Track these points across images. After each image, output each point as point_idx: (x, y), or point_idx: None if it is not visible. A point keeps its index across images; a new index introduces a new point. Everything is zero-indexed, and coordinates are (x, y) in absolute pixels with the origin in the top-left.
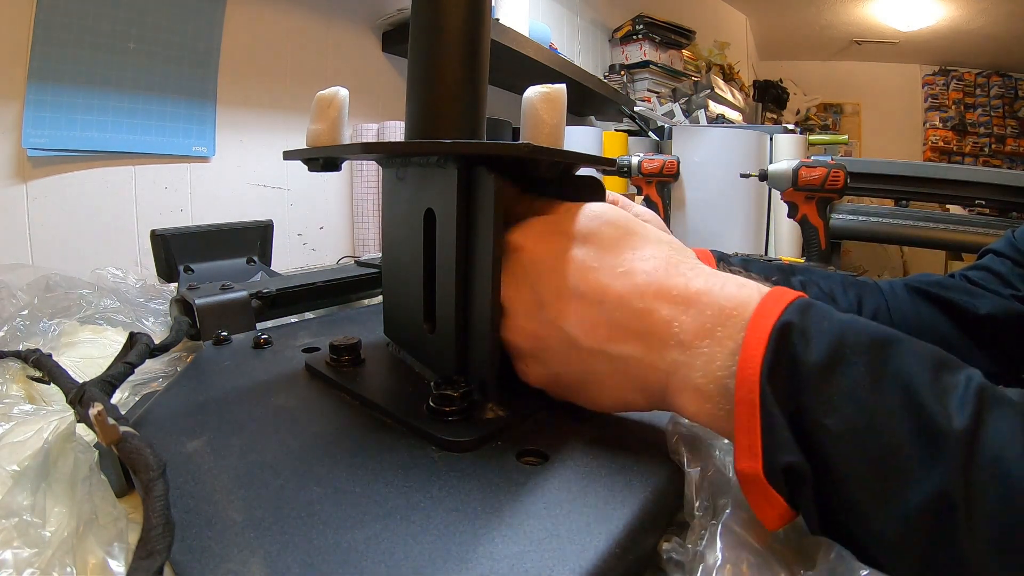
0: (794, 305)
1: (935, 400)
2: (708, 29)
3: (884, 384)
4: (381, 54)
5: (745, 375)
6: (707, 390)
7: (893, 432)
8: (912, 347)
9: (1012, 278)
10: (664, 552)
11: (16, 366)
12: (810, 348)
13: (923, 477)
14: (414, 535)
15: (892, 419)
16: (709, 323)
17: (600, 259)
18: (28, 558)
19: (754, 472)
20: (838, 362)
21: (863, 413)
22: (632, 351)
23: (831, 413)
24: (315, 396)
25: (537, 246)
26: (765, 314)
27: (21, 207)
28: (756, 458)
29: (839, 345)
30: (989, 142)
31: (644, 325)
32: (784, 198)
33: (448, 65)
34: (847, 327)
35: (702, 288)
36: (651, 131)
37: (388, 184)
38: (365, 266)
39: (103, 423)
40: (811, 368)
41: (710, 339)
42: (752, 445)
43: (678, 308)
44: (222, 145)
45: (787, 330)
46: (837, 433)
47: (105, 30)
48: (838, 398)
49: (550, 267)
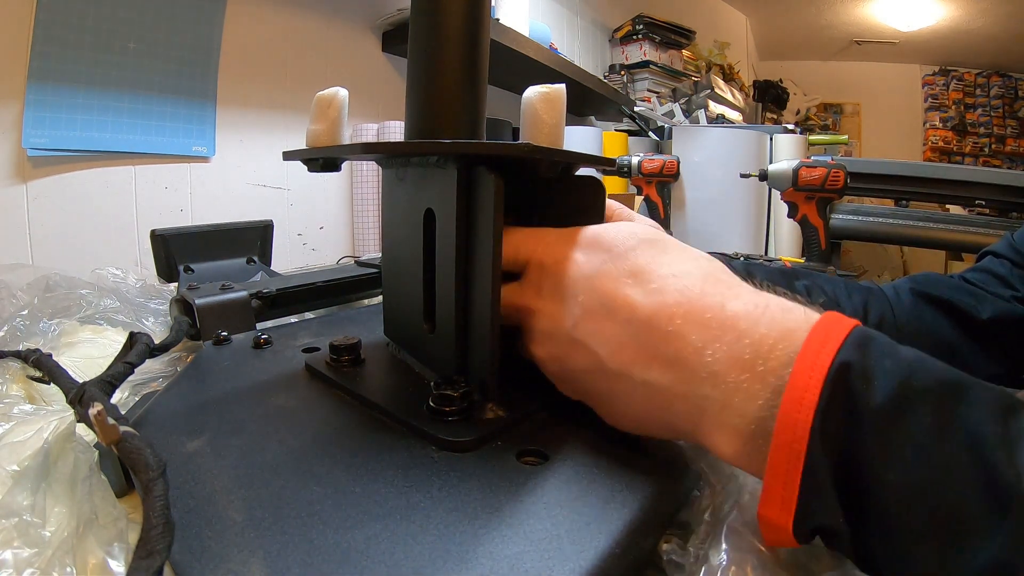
0: (853, 337)
1: (1004, 456)
2: (708, 29)
3: (951, 434)
4: (381, 54)
5: (791, 419)
6: (746, 432)
7: (959, 488)
8: (981, 394)
9: (1012, 279)
10: (664, 553)
11: (16, 366)
12: (873, 391)
13: (989, 541)
14: (414, 535)
15: (959, 475)
16: (748, 354)
17: (633, 276)
18: (28, 558)
19: (780, 525)
20: (904, 408)
21: (928, 467)
22: (658, 378)
23: (893, 465)
24: (315, 396)
25: (571, 261)
26: (817, 349)
27: (21, 207)
28: (788, 513)
29: (906, 389)
30: (989, 142)
31: (672, 351)
32: (784, 198)
33: (448, 65)
34: (914, 367)
35: (740, 312)
36: (651, 131)
37: (388, 184)
38: (365, 266)
39: (103, 423)
40: (873, 414)
41: (749, 374)
42: (786, 499)
43: (711, 334)
44: (222, 145)
45: (845, 371)
46: (898, 487)
47: (105, 30)
48: (901, 449)
49: (583, 282)
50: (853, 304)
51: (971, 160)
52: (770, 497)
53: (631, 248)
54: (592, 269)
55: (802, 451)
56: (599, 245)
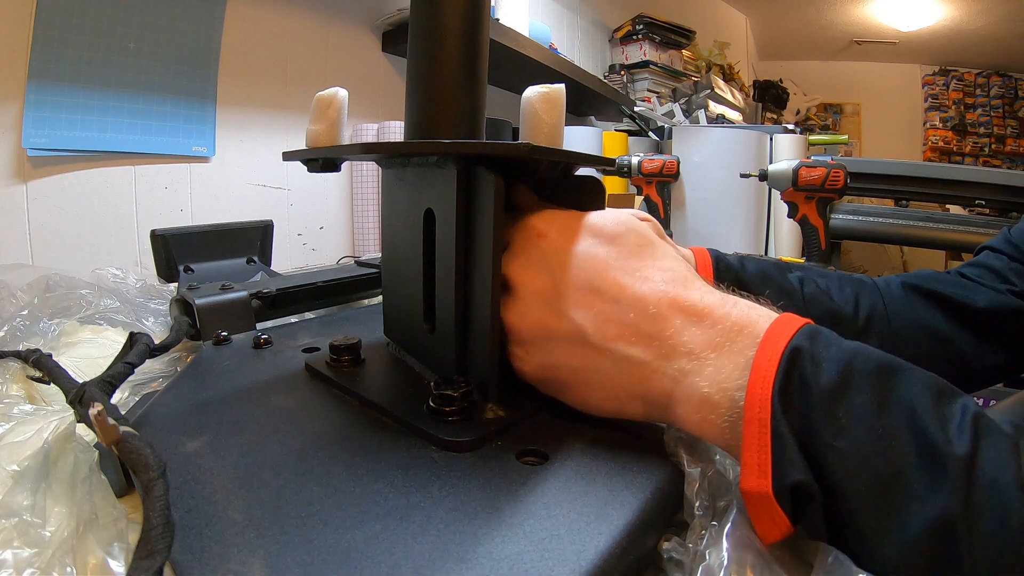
0: (803, 331)
1: (937, 426)
2: (708, 29)
3: (890, 409)
4: (381, 54)
5: (756, 393)
6: (713, 400)
7: (899, 455)
8: (915, 375)
9: (1008, 273)
10: (664, 552)
11: (16, 366)
12: (820, 372)
13: (927, 499)
14: (414, 535)
15: (898, 442)
16: (719, 337)
17: (622, 261)
18: (28, 558)
19: (762, 491)
20: (847, 386)
21: (871, 436)
22: (640, 354)
23: (840, 435)
24: (315, 396)
25: (562, 236)
26: (776, 337)
27: (21, 207)
28: (766, 476)
29: (848, 370)
30: (989, 142)
31: (656, 330)
32: (784, 198)
33: (447, 65)
34: (854, 354)
35: (715, 304)
36: (651, 131)
37: (388, 184)
38: (365, 266)
39: (103, 423)
40: (821, 391)
41: (719, 352)
42: (762, 463)
43: (690, 320)
44: (222, 145)
45: (797, 354)
46: (845, 454)
47: (105, 30)
48: (847, 421)
49: (571, 258)
50: (844, 295)
51: (971, 160)
52: (749, 468)
53: (620, 234)
54: (580, 248)
55: (767, 420)
56: (588, 227)
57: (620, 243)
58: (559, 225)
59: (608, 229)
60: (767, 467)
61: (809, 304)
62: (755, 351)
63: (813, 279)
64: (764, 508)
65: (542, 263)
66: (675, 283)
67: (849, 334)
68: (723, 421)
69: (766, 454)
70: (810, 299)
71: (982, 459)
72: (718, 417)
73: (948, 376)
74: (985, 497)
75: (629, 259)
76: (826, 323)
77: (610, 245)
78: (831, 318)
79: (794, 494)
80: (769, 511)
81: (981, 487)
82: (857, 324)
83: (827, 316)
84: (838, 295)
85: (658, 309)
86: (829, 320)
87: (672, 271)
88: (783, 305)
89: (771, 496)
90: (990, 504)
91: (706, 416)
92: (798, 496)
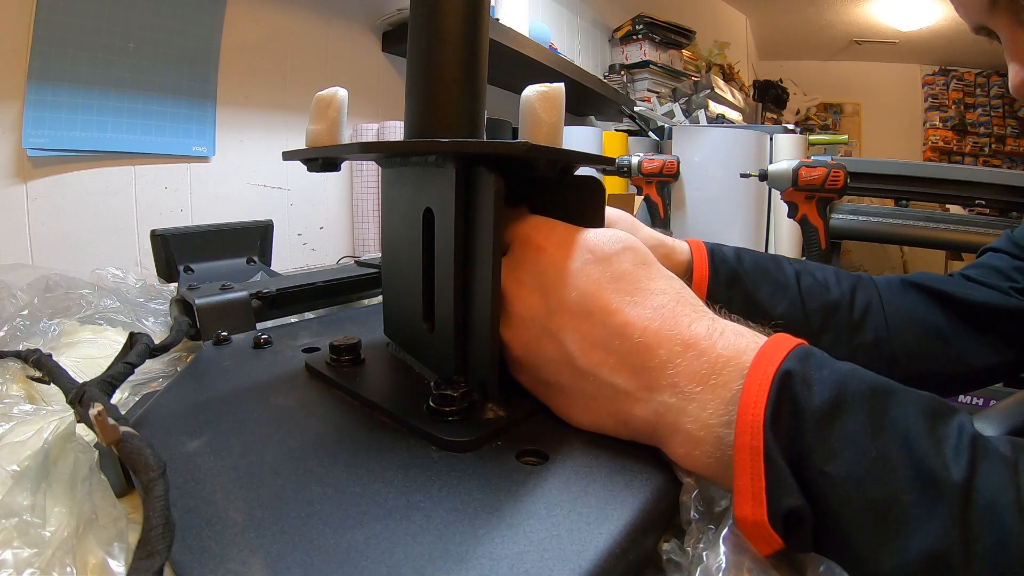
0: (794, 353)
1: (932, 449)
2: (708, 29)
3: (884, 432)
4: (381, 54)
5: (747, 421)
6: (697, 436)
7: (893, 479)
8: (909, 396)
9: (1011, 272)
10: (664, 552)
11: (16, 366)
12: (812, 395)
13: (922, 525)
14: (414, 535)
15: (892, 466)
16: (704, 369)
17: (614, 282)
18: (28, 558)
19: (757, 519)
20: (840, 409)
21: (864, 460)
22: (623, 383)
23: (833, 459)
24: (315, 396)
25: (559, 251)
26: (765, 361)
27: (21, 207)
28: (760, 504)
29: (840, 392)
30: (989, 142)
31: (639, 361)
32: (784, 198)
33: (447, 65)
34: (847, 375)
35: (701, 333)
36: (651, 131)
37: (387, 184)
38: (365, 266)
39: (103, 423)
40: (813, 414)
41: (703, 386)
42: (756, 492)
43: (675, 351)
44: (222, 145)
45: (789, 377)
46: (839, 479)
47: (105, 30)
48: (839, 444)
49: (566, 276)
50: (841, 289)
51: (971, 160)
52: (743, 497)
53: (615, 253)
54: (575, 266)
55: (759, 446)
56: (584, 244)
57: (615, 263)
58: (557, 240)
59: (604, 248)
60: (761, 495)
61: (806, 297)
62: (741, 384)
63: (810, 272)
64: (759, 534)
65: (537, 280)
66: (665, 308)
67: (844, 326)
68: (708, 457)
69: (760, 482)
70: (807, 292)
71: (980, 482)
72: (703, 453)
73: (947, 374)
74: (983, 521)
75: (622, 280)
76: (822, 315)
77: (605, 264)
78: (827, 310)
79: (788, 520)
80: (764, 537)
81: (979, 511)
82: (852, 317)
83: (823, 308)
84: (835, 288)
85: (644, 338)
86: (825, 312)
87: (664, 294)
88: (779, 300)
89: (766, 524)
90: (988, 528)
91: (690, 452)
92: (792, 522)
